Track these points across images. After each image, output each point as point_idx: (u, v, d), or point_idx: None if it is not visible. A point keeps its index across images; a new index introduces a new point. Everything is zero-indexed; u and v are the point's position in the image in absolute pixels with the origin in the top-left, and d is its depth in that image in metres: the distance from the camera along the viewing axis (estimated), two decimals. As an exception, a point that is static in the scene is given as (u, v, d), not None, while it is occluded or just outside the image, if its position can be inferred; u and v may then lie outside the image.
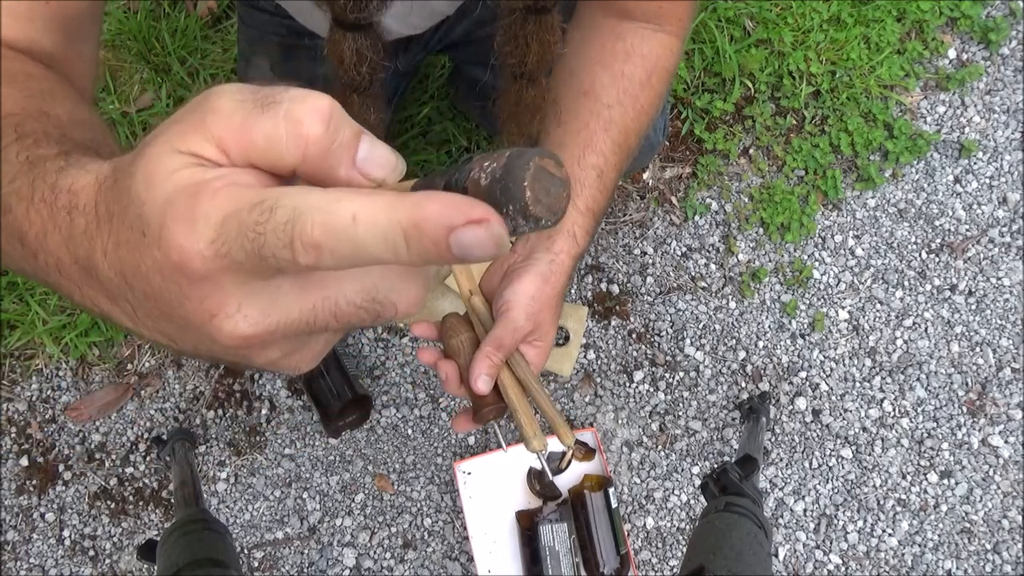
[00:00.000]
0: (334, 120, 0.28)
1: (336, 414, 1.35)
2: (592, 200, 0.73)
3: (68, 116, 0.45)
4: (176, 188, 0.27)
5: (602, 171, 0.73)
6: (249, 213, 0.26)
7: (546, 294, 0.71)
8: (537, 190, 0.27)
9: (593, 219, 0.73)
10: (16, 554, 1.41)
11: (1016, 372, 1.47)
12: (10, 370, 1.47)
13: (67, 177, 0.33)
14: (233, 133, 0.27)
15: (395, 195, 0.26)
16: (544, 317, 0.71)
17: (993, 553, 1.41)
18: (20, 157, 0.37)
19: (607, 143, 0.73)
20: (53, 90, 0.49)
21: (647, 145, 1.10)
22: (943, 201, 1.54)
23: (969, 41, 1.61)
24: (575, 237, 0.72)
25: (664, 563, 1.41)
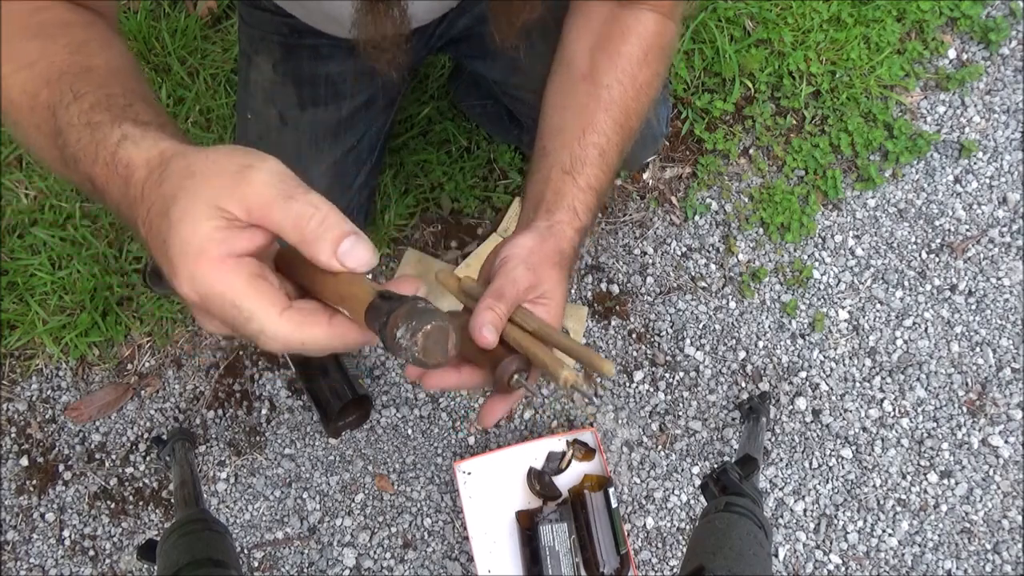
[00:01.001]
0: (327, 221, 0.41)
1: (336, 414, 1.35)
2: (594, 178, 0.72)
3: (106, 66, 0.56)
4: (198, 236, 0.41)
5: (603, 150, 0.73)
6: (232, 308, 0.42)
7: (545, 250, 0.66)
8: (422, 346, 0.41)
9: (595, 196, 0.72)
10: (16, 554, 1.41)
11: (1016, 372, 1.47)
12: (10, 370, 1.47)
13: (124, 152, 0.46)
14: (258, 207, 0.41)
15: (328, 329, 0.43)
16: (547, 273, 0.65)
17: (993, 553, 1.41)
18: (81, 120, 0.49)
19: (607, 122, 0.73)
20: (89, 39, 0.58)
21: (650, 135, 1.10)
22: (943, 201, 1.54)
23: (969, 41, 1.61)
24: (575, 211, 0.70)
25: (664, 563, 1.41)
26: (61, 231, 1.47)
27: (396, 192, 1.50)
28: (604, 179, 0.73)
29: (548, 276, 0.65)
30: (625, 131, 0.74)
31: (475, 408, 1.46)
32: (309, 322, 0.42)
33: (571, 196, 0.71)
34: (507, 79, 1.10)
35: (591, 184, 0.72)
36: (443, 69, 1.53)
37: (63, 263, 1.46)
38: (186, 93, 1.51)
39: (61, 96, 0.51)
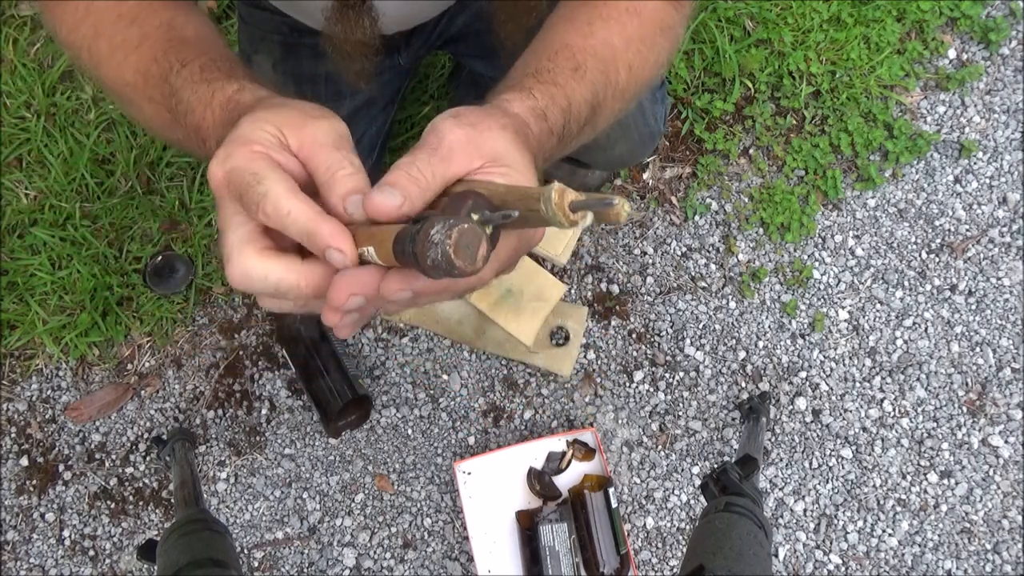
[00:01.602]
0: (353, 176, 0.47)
1: (336, 414, 1.35)
2: (560, 78, 0.58)
3: (194, 34, 0.63)
4: (249, 133, 0.47)
5: (579, 66, 0.59)
6: (250, 175, 0.45)
7: (485, 113, 0.50)
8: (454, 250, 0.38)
9: (561, 94, 0.57)
10: (16, 554, 1.41)
11: (1016, 372, 1.47)
12: (10, 370, 1.47)
13: (243, 97, 0.54)
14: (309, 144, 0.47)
15: (316, 214, 0.44)
16: (495, 135, 0.48)
17: (993, 553, 1.41)
18: (194, 77, 0.56)
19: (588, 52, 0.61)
20: (174, 16, 0.64)
21: (648, 134, 1.10)
22: (943, 201, 1.54)
23: (969, 41, 1.61)
24: (531, 92, 0.56)
25: (664, 563, 1.41)
26: (61, 231, 1.47)
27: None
28: (577, 88, 0.58)
29: (497, 136, 0.48)
30: (611, 69, 0.62)
31: (475, 408, 1.46)
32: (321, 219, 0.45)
33: (527, 82, 0.57)
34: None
35: (556, 81, 0.57)
36: (443, 69, 1.53)
37: (63, 263, 1.46)
38: (186, 93, 1.51)
39: (171, 66, 0.58)
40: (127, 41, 0.62)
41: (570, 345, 1.46)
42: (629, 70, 0.63)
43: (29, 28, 1.54)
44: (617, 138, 1.09)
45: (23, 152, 1.50)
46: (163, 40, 0.61)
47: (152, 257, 1.47)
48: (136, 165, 1.49)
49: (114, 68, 0.62)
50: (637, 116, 1.08)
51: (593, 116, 0.60)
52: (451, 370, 1.48)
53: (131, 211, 1.49)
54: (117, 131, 1.51)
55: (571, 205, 0.40)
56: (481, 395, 1.47)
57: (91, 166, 1.49)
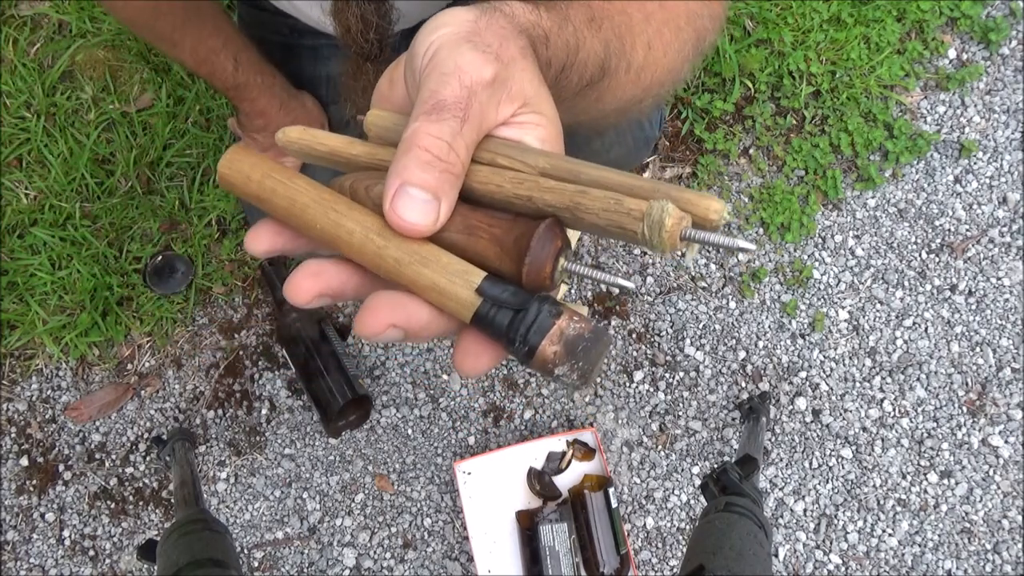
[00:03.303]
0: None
1: (336, 414, 1.35)
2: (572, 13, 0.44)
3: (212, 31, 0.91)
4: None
5: (594, 18, 0.46)
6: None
7: (497, 25, 0.37)
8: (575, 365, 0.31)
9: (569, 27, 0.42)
10: (16, 554, 1.41)
11: (1016, 372, 1.47)
12: (10, 370, 1.47)
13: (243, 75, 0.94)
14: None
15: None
16: (518, 65, 0.36)
17: (993, 553, 1.41)
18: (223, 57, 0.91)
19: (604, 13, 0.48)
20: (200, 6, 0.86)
21: (642, 139, 1.10)
22: (943, 201, 1.54)
23: (969, 41, 1.61)
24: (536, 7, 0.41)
25: (664, 563, 1.41)
26: (61, 231, 1.47)
27: (396, 192, 1.50)
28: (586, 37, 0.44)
29: (524, 69, 0.36)
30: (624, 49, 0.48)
31: (475, 408, 1.46)
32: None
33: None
34: None
35: (567, 15, 0.43)
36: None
37: (63, 263, 1.46)
38: (186, 93, 1.51)
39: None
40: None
41: (570, 345, 1.46)
42: (648, 48, 0.51)
43: (29, 28, 1.54)
44: (612, 143, 1.09)
45: (23, 152, 1.50)
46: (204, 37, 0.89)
47: (152, 257, 1.47)
48: (136, 165, 1.49)
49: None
50: (633, 122, 1.08)
51: (601, 79, 0.46)
52: (451, 370, 1.48)
53: (131, 211, 1.49)
54: (117, 131, 1.51)
55: (685, 235, 0.31)
56: (481, 395, 1.47)
57: (91, 166, 1.49)
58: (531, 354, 0.31)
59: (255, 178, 0.35)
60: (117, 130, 1.51)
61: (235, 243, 1.49)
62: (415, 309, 0.32)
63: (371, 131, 0.39)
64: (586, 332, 0.30)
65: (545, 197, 0.33)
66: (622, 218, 0.31)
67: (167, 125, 1.50)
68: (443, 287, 0.32)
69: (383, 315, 0.32)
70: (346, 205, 0.34)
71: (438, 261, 0.32)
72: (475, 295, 0.31)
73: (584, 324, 0.31)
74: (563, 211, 0.33)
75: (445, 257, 0.32)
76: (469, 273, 0.32)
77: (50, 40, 1.54)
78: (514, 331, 0.31)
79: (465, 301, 0.31)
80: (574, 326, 0.30)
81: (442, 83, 0.33)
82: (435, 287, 0.32)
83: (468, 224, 0.33)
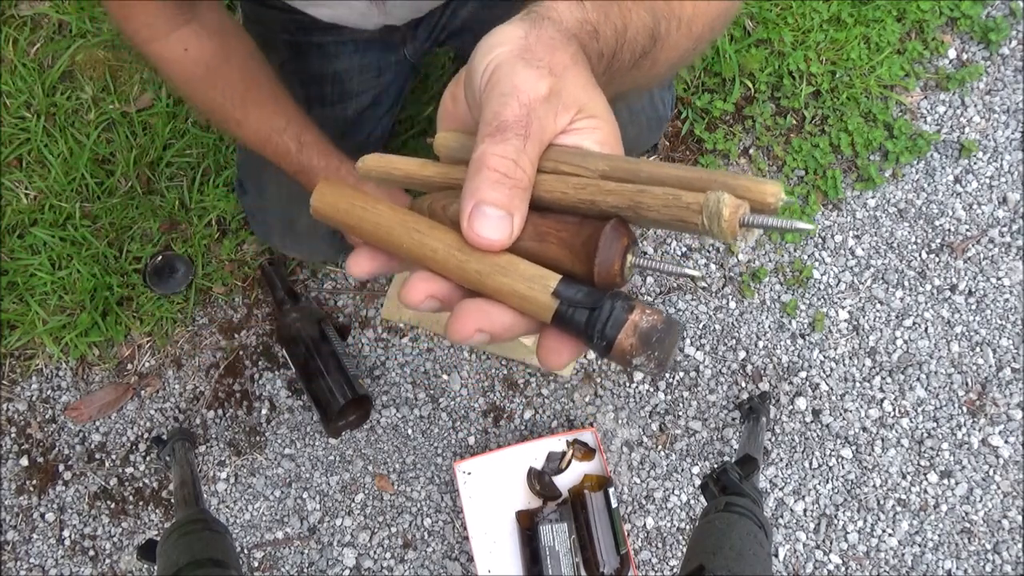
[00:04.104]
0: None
1: (336, 414, 1.35)
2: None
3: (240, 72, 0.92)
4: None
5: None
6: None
7: (547, 36, 0.38)
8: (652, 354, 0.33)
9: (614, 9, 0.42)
10: (16, 554, 1.41)
11: (1016, 372, 1.47)
12: (10, 370, 1.47)
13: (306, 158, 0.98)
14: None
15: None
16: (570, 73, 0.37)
17: (993, 553, 1.41)
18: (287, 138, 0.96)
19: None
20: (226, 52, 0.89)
21: (655, 118, 1.11)
22: (943, 201, 1.54)
23: (969, 41, 1.61)
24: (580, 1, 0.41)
25: (664, 563, 1.41)
26: (61, 231, 1.47)
27: (396, 192, 1.50)
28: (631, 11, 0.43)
29: (577, 76, 0.38)
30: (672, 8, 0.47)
31: (475, 408, 1.46)
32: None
33: None
34: None
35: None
36: (443, 70, 1.53)
37: (63, 263, 1.46)
38: (186, 93, 1.51)
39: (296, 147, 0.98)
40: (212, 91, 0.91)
41: (570, 345, 1.46)
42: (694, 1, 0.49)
43: (29, 28, 1.54)
44: (625, 123, 1.09)
45: (23, 152, 1.50)
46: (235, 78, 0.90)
47: (152, 257, 1.47)
48: (136, 165, 1.49)
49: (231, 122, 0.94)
50: (645, 101, 1.08)
51: (652, 47, 0.46)
52: (451, 370, 1.48)
53: (131, 211, 1.49)
54: (117, 131, 1.51)
55: (744, 221, 0.32)
56: (481, 395, 1.47)
57: (91, 166, 1.49)
58: (609, 348, 0.34)
59: (343, 207, 0.39)
60: (117, 130, 1.51)
61: (235, 243, 1.49)
62: (498, 314, 0.35)
63: (441, 152, 0.41)
64: (659, 323, 0.33)
65: (607, 199, 0.35)
66: (682, 212, 0.33)
67: (167, 125, 1.50)
68: (523, 293, 0.34)
69: (471, 321, 0.35)
70: (427, 225, 0.37)
71: (516, 269, 0.34)
72: (552, 298, 0.34)
73: (656, 316, 0.33)
74: (625, 211, 0.34)
75: (522, 265, 0.35)
76: (545, 278, 0.34)
77: (50, 40, 1.54)
78: (591, 328, 0.34)
79: (544, 304, 0.34)
80: (647, 319, 0.33)
81: (502, 104, 0.36)
82: (515, 293, 0.35)
83: (539, 231, 0.36)
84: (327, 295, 1.50)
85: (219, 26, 0.88)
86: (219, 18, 0.88)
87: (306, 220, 1.24)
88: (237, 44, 0.90)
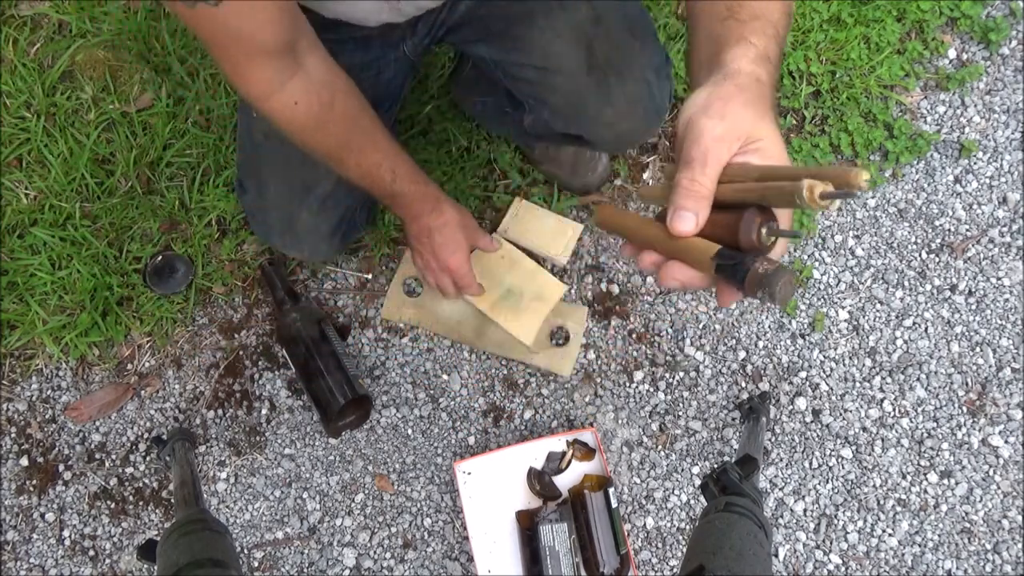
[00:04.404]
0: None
1: (336, 414, 1.35)
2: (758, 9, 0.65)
3: (343, 117, 0.99)
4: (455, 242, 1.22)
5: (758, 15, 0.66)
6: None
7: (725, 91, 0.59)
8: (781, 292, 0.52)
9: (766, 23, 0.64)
10: (16, 554, 1.41)
11: (1016, 372, 1.47)
12: (10, 370, 1.47)
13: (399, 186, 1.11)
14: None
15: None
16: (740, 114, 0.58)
17: (993, 553, 1.41)
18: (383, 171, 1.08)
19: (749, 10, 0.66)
20: (331, 99, 0.96)
21: (653, 110, 1.12)
22: (943, 201, 1.54)
23: (969, 41, 1.61)
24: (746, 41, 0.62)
25: (664, 563, 1.41)
26: (61, 231, 1.47)
27: (396, 192, 1.50)
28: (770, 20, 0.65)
29: (743, 116, 0.58)
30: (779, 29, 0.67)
31: (475, 408, 1.46)
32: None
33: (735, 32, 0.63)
34: (509, 58, 1.11)
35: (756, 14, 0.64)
36: (443, 69, 1.53)
37: (63, 263, 1.46)
38: (186, 93, 1.51)
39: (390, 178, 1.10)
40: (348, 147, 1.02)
41: (570, 345, 1.46)
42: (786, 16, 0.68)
43: (29, 28, 1.54)
44: (624, 114, 1.10)
45: (23, 152, 1.50)
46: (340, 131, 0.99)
47: (152, 257, 1.47)
48: (136, 165, 1.49)
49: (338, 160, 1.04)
50: (644, 93, 1.09)
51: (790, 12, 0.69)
52: (451, 370, 1.48)
53: (131, 211, 1.49)
54: (117, 131, 1.51)
55: (821, 195, 0.52)
56: (481, 395, 1.47)
57: (91, 166, 1.49)
58: (743, 286, 0.53)
59: (617, 221, 0.67)
60: (117, 130, 1.51)
61: (235, 243, 1.49)
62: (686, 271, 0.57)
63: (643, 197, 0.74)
64: (771, 269, 0.52)
65: (748, 196, 0.56)
66: (786, 198, 0.54)
67: (167, 125, 1.50)
68: (698, 259, 0.56)
69: (674, 273, 0.58)
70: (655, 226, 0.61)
71: (697, 246, 0.56)
72: (711, 260, 0.55)
73: (771, 265, 0.52)
74: (760, 201, 0.56)
75: (701, 243, 0.56)
76: (711, 249, 0.55)
77: (50, 40, 1.54)
78: (736, 276, 0.53)
79: (707, 264, 0.55)
80: (764, 266, 0.52)
81: (691, 146, 0.58)
82: (696, 260, 0.57)
83: (712, 221, 0.57)
84: (327, 295, 1.50)
85: (323, 73, 0.94)
86: (323, 65, 0.95)
87: (306, 219, 1.24)
88: (340, 89, 0.97)
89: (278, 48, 0.88)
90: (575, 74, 1.07)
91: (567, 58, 1.07)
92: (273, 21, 0.85)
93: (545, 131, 1.19)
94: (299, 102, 0.94)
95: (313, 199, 1.24)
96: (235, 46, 0.86)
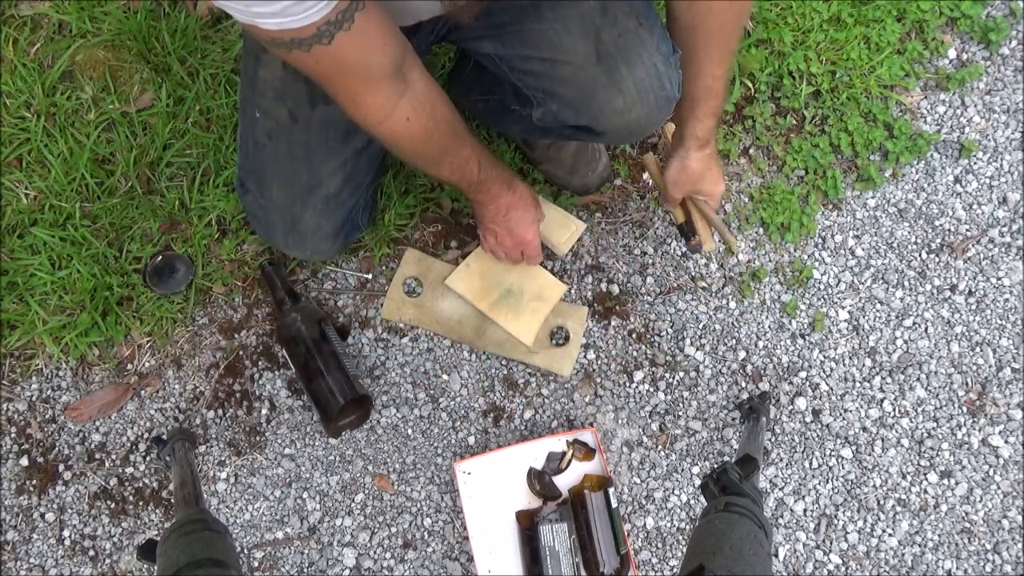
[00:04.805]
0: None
1: (336, 414, 1.35)
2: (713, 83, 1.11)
3: (444, 126, 1.07)
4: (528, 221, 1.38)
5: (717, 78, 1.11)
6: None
7: (686, 175, 1.22)
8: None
9: (713, 99, 1.13)
10: (16, 554, 1.41)
11: (1016, 372, 1.47)
12: (10, 370, 1.47)
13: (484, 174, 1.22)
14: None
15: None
16: (690, 181, 1.24)
17: (993, 553, 1.41)
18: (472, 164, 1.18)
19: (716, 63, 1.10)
20: (434, 112, 1.04)
21: (663, 98, 1.12)
22: (943, 201, 1.54)
23: (969, 41, 1.61)
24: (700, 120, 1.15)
25: (664, 563, 1.41)
26: (61, 231, 1.47)
27: (396, 192, 1.50)
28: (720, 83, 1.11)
29: (698, 170, 1.21)
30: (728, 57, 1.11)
31: (475, 408, 1.46)
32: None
33: (696, 111, 1.14)
34: (515, 52, 1.11)
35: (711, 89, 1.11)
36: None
37: (63, 263, 1.46)
38: (186, 93, 1.51)
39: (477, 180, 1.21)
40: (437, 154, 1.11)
41: (570, 345, 1.46)
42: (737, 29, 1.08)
43: (29, 28, 1.54)
44: (634, 102, 1.10)
45: (23, 152, 1.50)
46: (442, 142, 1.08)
47: (152, 257, 1.47)
48: (136, 165, 1.49)
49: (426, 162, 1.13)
50: (654, 81, 1.09)
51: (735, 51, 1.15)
52: (451, 370, 1.48)
53: (131, 211, 1.49)
54: (117, 131, 1.51)
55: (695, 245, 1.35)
56: (481, 395, 1.47)
57: (91, 166, 1.49)
58: (686, 240, 1.35)
59: (655, 172, 1.36)
60: (117, 130, 1.51)
61: (235, 243, 1.49)
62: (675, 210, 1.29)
63: (649, 172, 1.48)
64: (696, 242, 1.35)
65: (694, 209, 1.31)
66: (699, 234, 1.34)
67: (167, 125, 1.50)
68: (677, 216, 1.35)
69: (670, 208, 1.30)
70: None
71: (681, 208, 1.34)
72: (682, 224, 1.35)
73: (697, 242, 1.34)
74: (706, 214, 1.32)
75: (681, 211, 1.34)
76: (681, 218, 1.36)
77: (50, 40, 1.54)
78: (684, 235, 1.34)
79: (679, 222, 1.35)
80: (695, 241, 1.34)
81: (672, 186, 1.27)
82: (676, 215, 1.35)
83: (685, 210, 1.33)
84: (327, 295, 1.50)
85: (424, 84, 1.01)
86: (423, 76, 1.01)
87: (310, 219, 1.24)
88: (437, 95, 1.04)
89: (391, 70, 0.93)
90: (584, 64, 1.07)
91: (576, 49, 1.07)
92: (386, 45, 0.90)
93: (554, 123, 1.19)
94: (410, 118, 1.00)
95: (317, 199, 1.24)
96: (352, 76, 0.91)
